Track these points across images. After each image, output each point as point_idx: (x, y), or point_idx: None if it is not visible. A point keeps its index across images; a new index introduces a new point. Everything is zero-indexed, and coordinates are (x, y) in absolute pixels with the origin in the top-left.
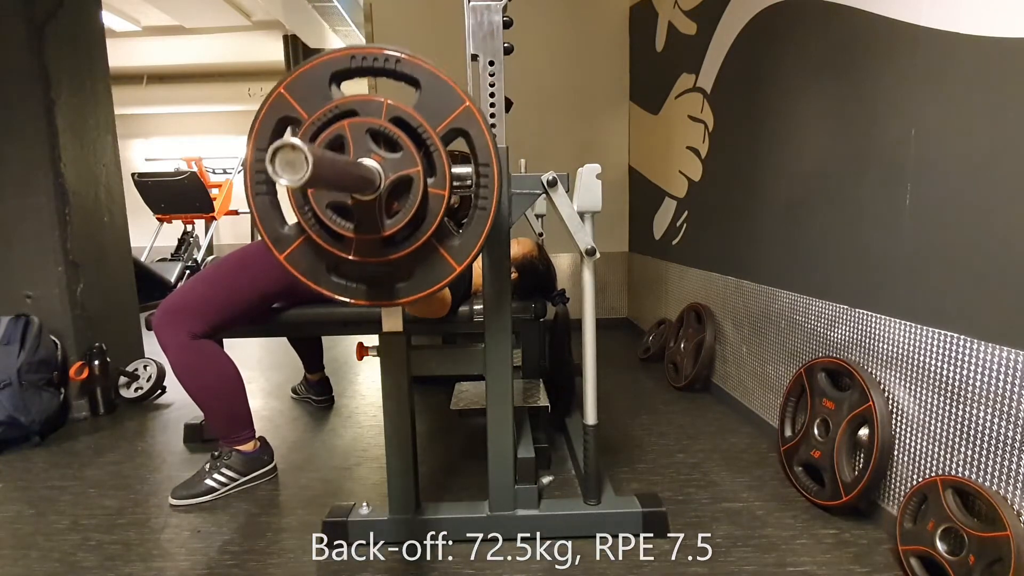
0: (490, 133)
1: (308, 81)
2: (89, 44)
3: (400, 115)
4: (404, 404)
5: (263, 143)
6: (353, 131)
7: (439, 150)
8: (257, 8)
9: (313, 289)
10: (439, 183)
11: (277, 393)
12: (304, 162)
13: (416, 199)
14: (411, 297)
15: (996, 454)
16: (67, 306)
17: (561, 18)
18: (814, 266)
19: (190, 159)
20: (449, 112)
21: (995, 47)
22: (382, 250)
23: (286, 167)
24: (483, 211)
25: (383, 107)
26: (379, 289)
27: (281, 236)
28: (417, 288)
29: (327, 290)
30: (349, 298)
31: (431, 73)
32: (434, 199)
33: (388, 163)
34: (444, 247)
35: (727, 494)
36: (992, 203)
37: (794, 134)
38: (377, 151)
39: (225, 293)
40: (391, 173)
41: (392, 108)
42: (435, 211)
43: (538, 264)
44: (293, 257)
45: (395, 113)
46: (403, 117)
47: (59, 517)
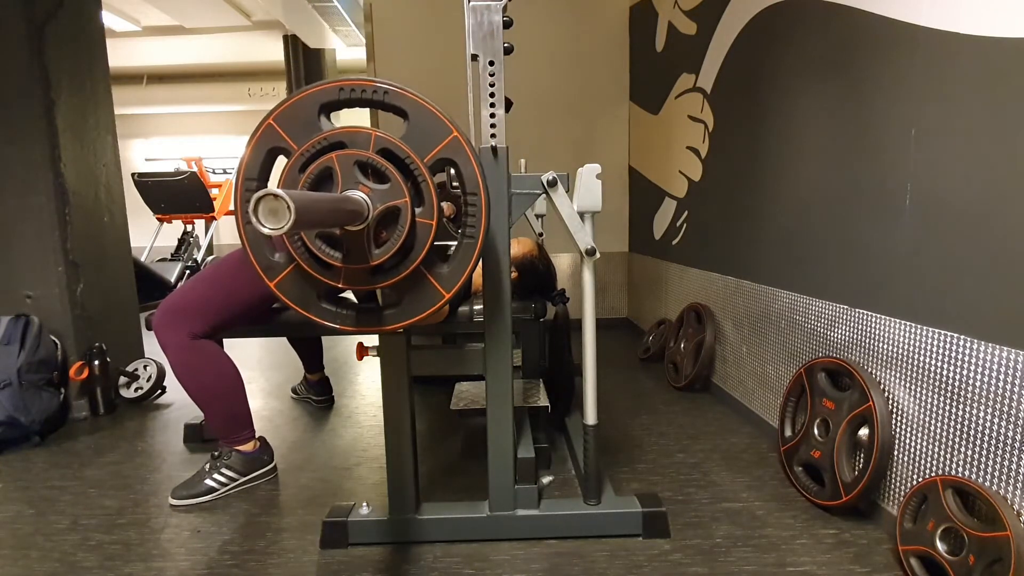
0: (478, 163)
1: (297, 112)
2: (89, 44)
3: (388, 146)
4: (404, 404)
5: (253, 173)
6: (341, 163)
7: (427, 181)
8: (257, 8)
9: None
10: (427, 213)
11: (277, 393)
12: (287, 211)
13: (404, 229)
14: (400, 324)
15: (996, 454)
16: (67, 306)
17: (561, 18)
18: (814, 266)
19: (190, 159)
20: (437, 142)
21: (995, 47)
22: (371, 278)
23: (269, 215)
24: (471, 240)
25: (371, 139)
26: (368, 316)
27: (272, 264)
28: (406, 315)
29: (317, 317)
30: (339, 325)
31: (419, 104)
32: (422, 228)
33: (376, 194)
34: (432, 275)
35: (727, 494)
36: (992, 203)
37: (794, 134)
38: (365, 182)
39: (225, 293)
40: (379, 204)
41: (380, 140)
42: (423, 240)
43: (538, 264)
44: (284, 285)
45: (383, 144)
46: (391, 148)
47: (59, 517)
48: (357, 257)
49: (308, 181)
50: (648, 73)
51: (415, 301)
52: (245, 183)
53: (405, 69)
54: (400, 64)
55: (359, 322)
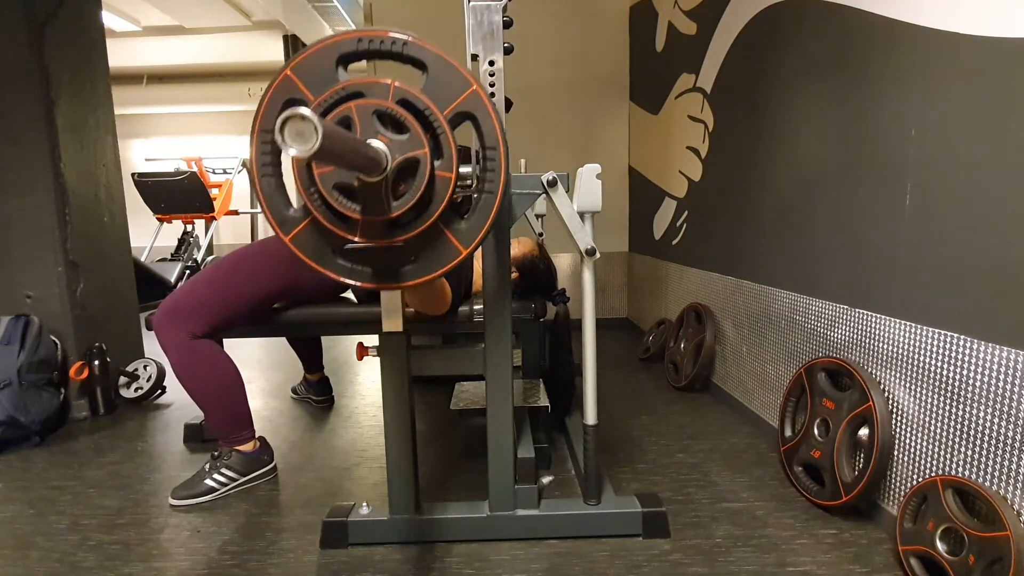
0: (497, 117)
1: (315, 63)
2: (89, 44)
3: (407, 97)
4: (404, 404)
5: (269, 124)
6: (360, 112)
7: (446, 133)
8: (257, 8)
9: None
10: (446, 166)
11: (277, 393)
12: (314, 132)
13: (423, 181)
14: (417, 280)
15: (996, 454)
16: (67, 306)
17: (561, 18)
18: (814, 266)
19: (190, 159)
20: (456, 95)
21: (995, 47)
22: (388, 232)
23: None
24: (490, 195)
25: (390, 89)
26: (385, 272)
27: (287, 218)
28: (423, 271)
29: (333, 272)
30: (355, 280)
31: (438, 56)
32: (441, 182)
33: (395, 145)
34: (450, 230)
35: (727, 494)
36: (992, 203)
37: (794, 134)
38: (384, 133)
39: (225, 293)
40: (398, 155)
41: (399, 90)
42: (441, 194)
43: (539, 264)
44: (299, 239)
45: (402, 95)
46: (410, 99)
47: (59, 517)
48: (375, 209)
49: None
50: (648, 73)
51: (433, 257)
52: (260, 135)
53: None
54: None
55: (376, 278)
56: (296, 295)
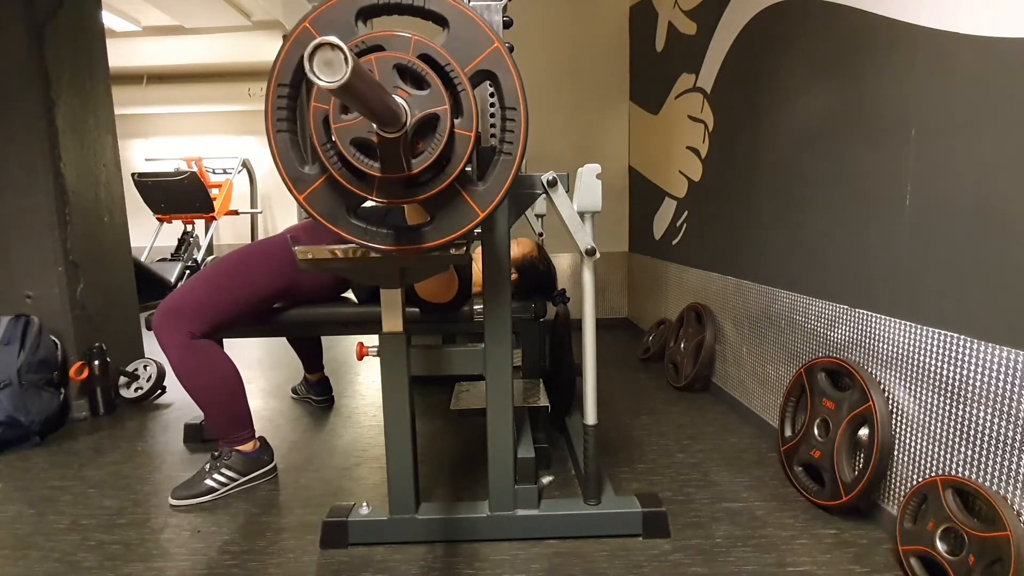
0: (518, 76)
1: (334, 16)
2: (89, 44)
3: (428, 52)
4: (404, 404)
5: (285, 79)
6: (380, 65)
7: (467, 90)
8: (257, 8)
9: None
10: (466, 124)
11: (277, 393)
12: (343, 63)
13: (443, 138)
14: (435, 241)
15: (996, 454)
16: (67, 306)
17: (561, 18)
18: (814, 266)
19: (190, 159)
20: (478, 52)
21: (995, 47)
22: (405, 191)
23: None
24: (509, 156)
25: (411, 43)
26: (402, 234)
27: (301, 176)
28: (441, 232)
29: (347, 232)
30: (369, 241)
31: (460, 11)
32: (460, 140)
33: (415, 100)
34: (467, 192)
35: (727, 494)
36: (992, 203)
37: (794, 134)
38: (404, 87)
39: (225, 293)
40: (417, 110)
41: (419, 44)
42: (460, 154)
43: (538, 264)
44: (313, 198)
45: (423, 50)
46: (431, 54)
47: (59, 517)
48: (393, 166)
49: None
50: (648, 73)
51: (450, 219)
52: (277, 88)
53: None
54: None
55: (392, 240)
56: (296, 295)
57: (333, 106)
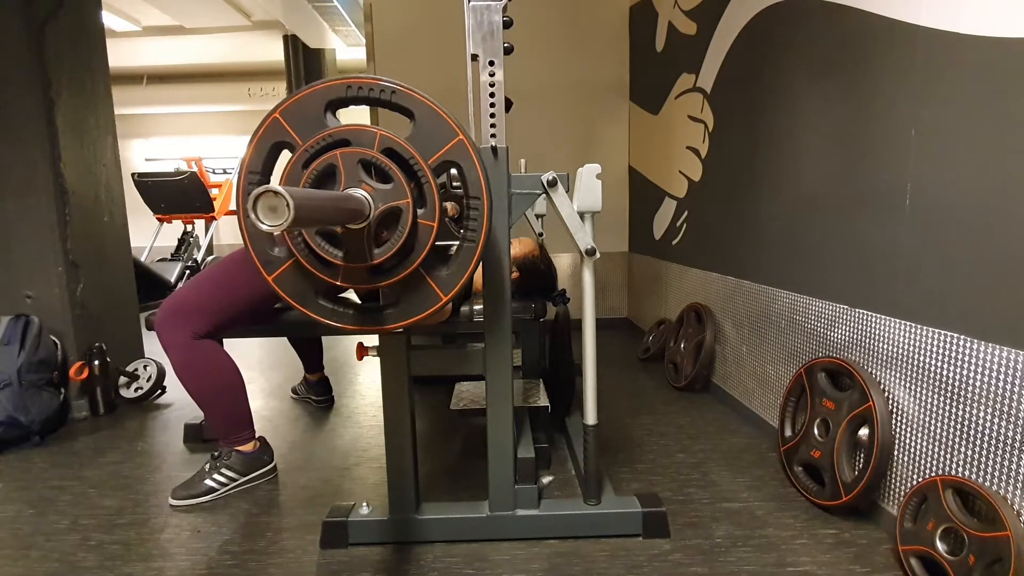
0: (482, 167)
1: (304, 108)
2: (89, 44)
3: (392, 146)
4: (404, 404)
5: (256, 167)
6: (345, 160)
7: (430, 182)
8: (257, 8)
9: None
10: (428, 215)
11: (277, 393)
12: (286, 208)
13: (405, 230)
14: (398, 324)
15: (996, 454)
16: (67, 306)
17: (561, 18)
18: (814, 266)
19: (190, 159)
20: (442, 144)
21: (995, 47)
22: (370, 278)
23: (268, 212)
24: (472, 244)
25: (376, 138)
26: (367, 315)
27: (271, 259)
28: (405, 315)
29: (315, 314)
30: (336, 323)
31: (425, 105)
32: (423, 230)
33: (379, 193)
34: (432, 277)
35: (727, 494)
36: (992, 203)
37: (794, 134)
38: (368, 181)
39: (227, 293)
40: (381, 204)
41: (384, 139)
42: (424, 241)
43: (539, 264)
44: (282, 279)
45: (387, 144)
46: (395, 148)
47: (59, 517)
48: (357, 256)
49: (311, 178)
50: (648, 73)
51: (414, 302)
52: (248, 176)
53: (405, 69)
54: (400, 64)
55: (357, 321)
56: None
57: None
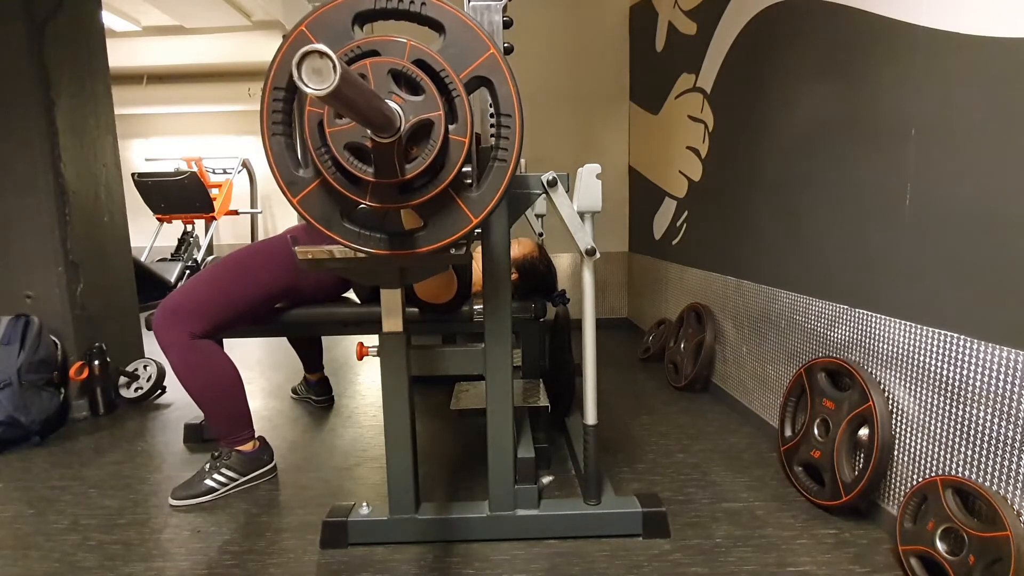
0: (514, 83)
1: (330, 20)
2: (89, 44)
3: (423, 57)
4: (404, 404)
5: (281, 82)
6: (375, 71)
7: (462, 96)
8: (257, 8)
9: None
10: (460, 130)
11: (277, 393)
12: (331, 71)
13: (437, 144)
14: (428, 247)
15: (996, 454)
16: (67, 306)
17: (561, 18)
18: (814, 266)
19: (190, 159)
20: (474, 59)
21: (995, 47)
22: (399, 196)
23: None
24: (503, 163)
25: (406, 48)
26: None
27: (295, 179)
28: (433, 238)
29: (340, 237)
30: (362, 246)
31: (456, 18)
32: (455, 146)
33: (409, 105)
34: (461, 198)
35: (727, 494)
36: (992, 203)
37: (794, 134)
38: (399, 93)
39: (226, 293)
40: (412, 116)
41: (415, 50)
42: (454, 159)
43: (539, 264)
44: (307, 201)
45: (418, 55)
46: (426, 60)
47: (59, 517)
48: (387, 171)
49: None
50: (648, 73)
51: (443, 225)
52: (273, 92)
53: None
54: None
55: (385, 245)
56: (296, 295)
57: (328, 111)
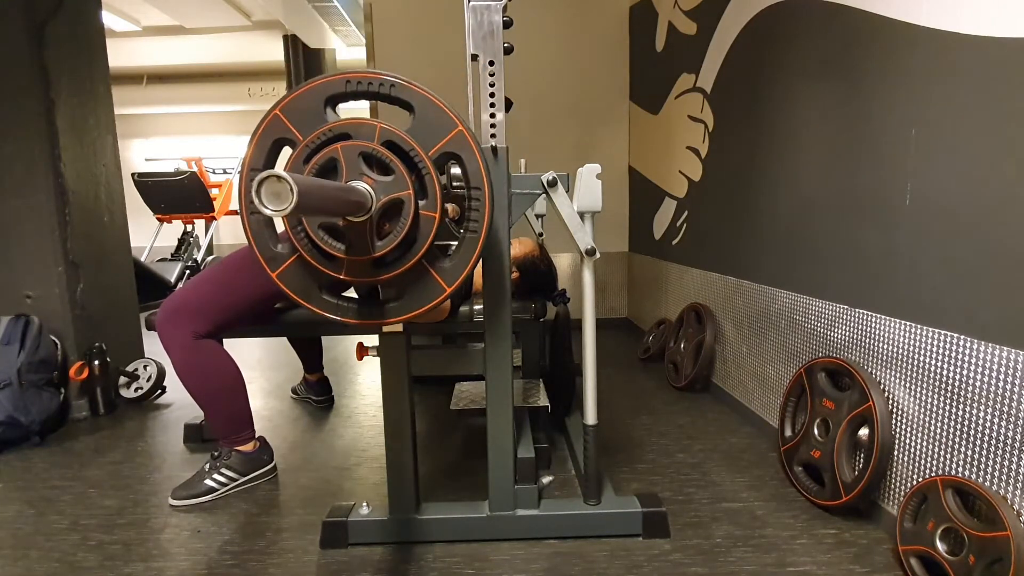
0: (482, 158)
1: (304, 104)
2: (89, 44)
3: (392, 139)
4: (404, 404)
5: (258, 163)
6: (346, 154)
7: (431, 174)
8: (257, 8)
9: None
10: (430, 206)
11: (277, 393)
12: (289, 192)
13: (407, 221)
14: (401, 317)
15: (996, 454)
16: (67, 306)
17: (561, 18)
18: (814, 266)
19: (190, 159)
20: (442, 135)
21: (995, 47)
22: (373, 271)
23: (272, 198)
24: (473, 235)
25: (376, 130)
26: (370, 309)
27: (275, 255)
28: (407, 308)
29: (318, 309)
30: (340, 317)
31: (424, 98)
32: (425, 221)
33: (380, 186)
34: (435, 268)
35: (727, 494)
36: (992, 203)
37: (794, 134)
38: (369, 174)
39: (227, 293)
40: (383, 196)
41: (384, 131)
42: (426, 233)
43: (539, 264)
44: (286, 275)
45: (388, 136)
46: (395, 141)
47: (59, 517)
48: (360, 248)
49: (312, 172)
50: (648, 73)
51: (417, 295)
52: (250, 173)
53: (405, 69)
54: (400, 64)
55: (360, 315)
56: None
57: None
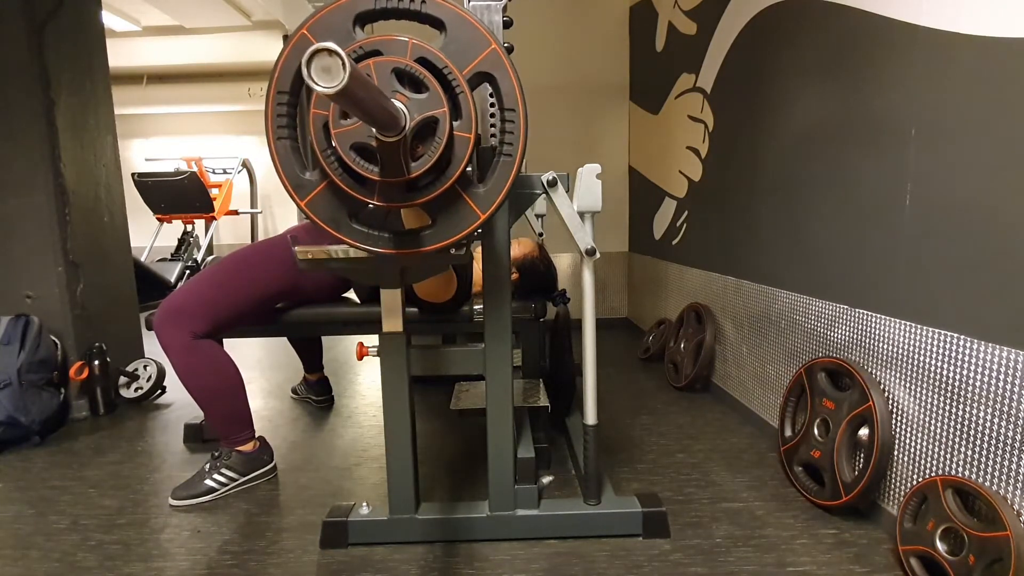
0: (516, 78)
1: (331, 22)
2: (89, 44)
3: (425, 55)
4: (404, 404)
5: (285, 85)
6: (378, 70)
7: (465, 92)
8: (257, 8)
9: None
10: (465, 126)
11: (277, 393)
12: (341, 68)
13: (442, 141)
14: (436, 244)
15: (996, 454)
16: (67, 306)
17: (561, 18)
18: (814, 266)
19: (190, 159)
20: (475, 55)
21: (995, 47)
22: (406, 195)
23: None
24: (508, 158)
25: (408, 46)
26: (403, 238)
27: (302, 182)
28: (441, 236)
29: (349, 238)
30: (371, 246)
31: (457, 14)
32: (460, 142)
33: (413, 104)
34: (468, 194)
35: (727, 494)
36: (992, 203)
37: (794, 134)
38: (403, 91)
39: (227, 293)
40: (416, 114)
41: (417, 48)
42: (460, 156)
43: (539, 264)
44: (314, 204)
45: (420, 53)
46: (428, 58)
47: (59, 517)
48: (393, 170)
49: None
50: (648, 73)
51: (450, 222)
52: (276, 96)
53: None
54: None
55: (394, 244)
56: (297, 296)
57: (333, 112)
